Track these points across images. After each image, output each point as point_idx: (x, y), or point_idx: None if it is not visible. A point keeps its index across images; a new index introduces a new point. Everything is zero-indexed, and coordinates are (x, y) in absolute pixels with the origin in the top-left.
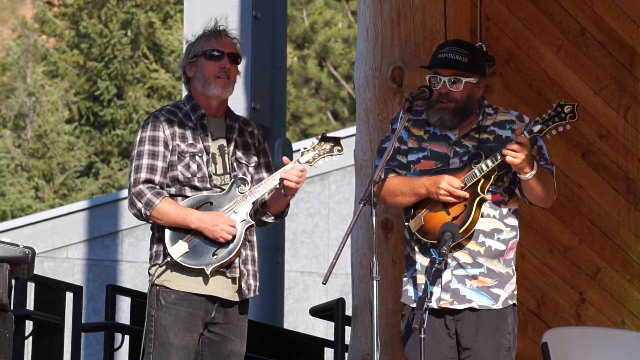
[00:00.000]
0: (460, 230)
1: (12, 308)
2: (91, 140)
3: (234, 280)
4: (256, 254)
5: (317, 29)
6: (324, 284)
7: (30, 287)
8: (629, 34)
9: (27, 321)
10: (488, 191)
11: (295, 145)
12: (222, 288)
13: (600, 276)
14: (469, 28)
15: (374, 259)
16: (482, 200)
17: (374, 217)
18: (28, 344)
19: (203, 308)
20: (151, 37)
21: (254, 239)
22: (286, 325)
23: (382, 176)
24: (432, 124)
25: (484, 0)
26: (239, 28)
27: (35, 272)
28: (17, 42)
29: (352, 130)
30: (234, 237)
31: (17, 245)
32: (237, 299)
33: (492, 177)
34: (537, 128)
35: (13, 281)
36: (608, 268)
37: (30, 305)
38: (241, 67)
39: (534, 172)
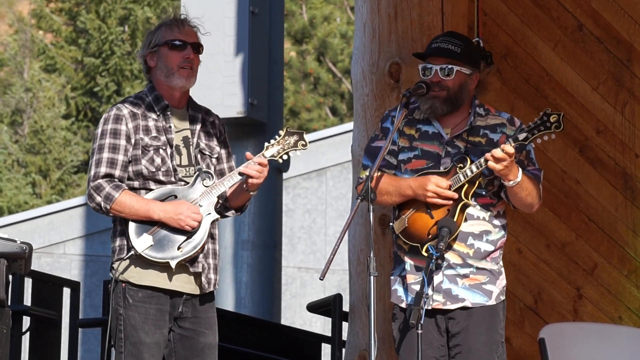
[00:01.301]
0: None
1: (9, 304)
2: (88, 136)
3: (197, 275)
4: (217, 247)
5: (316, 24)
6: (321, 279)
7: (28, 282)
8: (626, 29)
9: (24, 317)
10: (474, 195)
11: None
12: (185, 283)
13: (598, 272)
14: (466, 23)
15: (371, 255)
16: (466, 206)
17: (371, 213)
18: (25, 339)
19: (170, 303)
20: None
21: (217, 232)
22: (283, 321)
23: (368, 174)
24: (422, 113)
25: None
26: (235, 23)
27: (32, 268)
28: (14, 38)
29: (350, 125)
30: (200, 229)
31: (15, 241)
32: (198, 292)
33: (477, 182)
34: (522, 136)
35: (10, 277)
36: (605, 264)
37: (27, 300)
38: (238, 62)
39: (518, 179)
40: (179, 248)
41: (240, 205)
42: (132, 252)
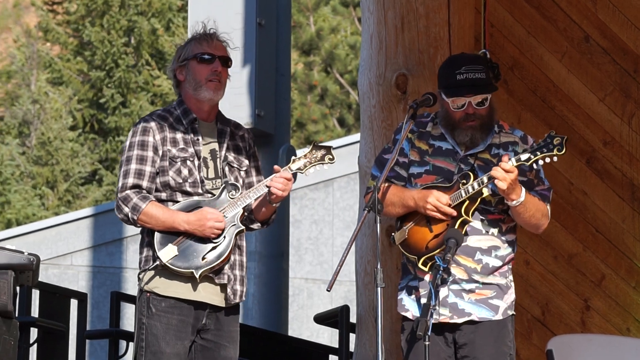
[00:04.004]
0: (442, 248)
1: (16, 315)
2: (95, 148)
3: (222, 286)
4: (244, 259)
5: (324, 36)
6: (329, 291)
7: (35, 294)
8: (633, 40)
9: (31, 328)
10: (484, 211)
11: (299, 152)
12: (210, 294)
13: (605, 283)
14: (472, 35)
15: (379, 266)
16: (465, 222)
17: (378, 224)
18: (33, 351)
19: (193, 315)
20: (154, 44)
21: (244, 244)
22: (290, 332)
23: (375, 185)
24: (459, 142)
25: (488, 7)
26: (242, 35)
27: (39, 279)
28: (21, 50)
29: (357, 137)
30: (224, 239)
31: (22, 253)
32: (224, 304)
33: (479, 199)
34: (524, 156)
35: (18, 288)
36: (613, 275)
37: (35, 312)
38: (245, 74)
39: (521, 199)
40: (203, 258)
41: (266, 218)
42: (157, 262)
